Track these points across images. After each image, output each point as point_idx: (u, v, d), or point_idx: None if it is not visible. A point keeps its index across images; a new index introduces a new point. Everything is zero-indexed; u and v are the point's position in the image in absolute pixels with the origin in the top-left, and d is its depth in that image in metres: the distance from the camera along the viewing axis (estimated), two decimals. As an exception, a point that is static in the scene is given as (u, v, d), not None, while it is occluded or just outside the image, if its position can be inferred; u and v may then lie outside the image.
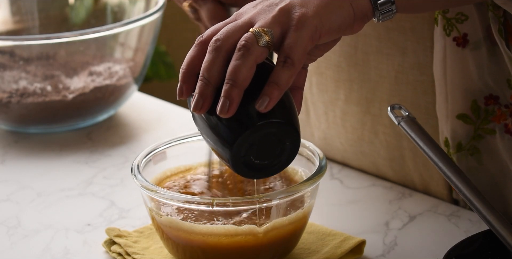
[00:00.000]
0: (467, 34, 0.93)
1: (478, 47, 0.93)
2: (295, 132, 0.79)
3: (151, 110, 1.33)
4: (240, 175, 0.80)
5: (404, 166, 1.05)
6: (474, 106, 0.96)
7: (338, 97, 1.06)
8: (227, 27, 0.79)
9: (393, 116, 0.89)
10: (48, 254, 0.94)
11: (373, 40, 1.00)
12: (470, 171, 0.98)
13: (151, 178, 0.92)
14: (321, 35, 0.79)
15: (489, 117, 0.95)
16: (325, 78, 1.06)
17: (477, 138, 0.97)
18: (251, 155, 0.79)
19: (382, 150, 1.06)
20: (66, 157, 1.18)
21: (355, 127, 1.06)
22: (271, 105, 0.76)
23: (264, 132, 0.78)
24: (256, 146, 0.78)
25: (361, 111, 1.05)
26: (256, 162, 0.79)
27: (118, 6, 1.38)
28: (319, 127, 1.11)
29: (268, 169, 0.81)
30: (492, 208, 0.81)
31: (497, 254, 0.83)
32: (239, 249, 0.86)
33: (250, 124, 0.77)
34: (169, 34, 2.37)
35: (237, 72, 0.76)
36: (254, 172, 0.80)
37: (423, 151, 0.86)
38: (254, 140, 0.78)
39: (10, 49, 1.21)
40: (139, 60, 1.29)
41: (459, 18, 0.93)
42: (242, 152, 0.78)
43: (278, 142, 0.79)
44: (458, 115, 0.96)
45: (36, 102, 1.22)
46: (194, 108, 0.78)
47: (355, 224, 0.99)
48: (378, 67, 1.01)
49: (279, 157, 0.80)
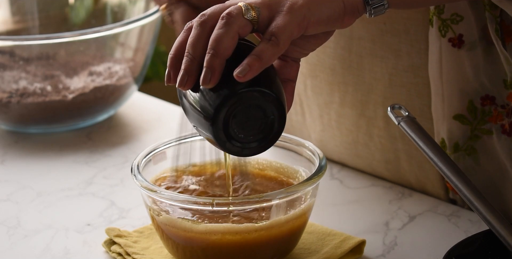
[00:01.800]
0: (463, 34, 0.93)
1: (474, 47, 0.93)
2: (279, 104, 0.78)
3: (151, 110, 1.33)
4: (225, 150, 0.79)
5: (400, 168, 1.05)
6: (470, 106, 0.96)
7: (333, 100, 1.06)
8: (214, 7, 0.80)
9: (393, 116, 0.89)
10: (48, 254, 0.94)
11: (367, 43, 1.00)
12: (468, 171, 0.98)
13: (151, 177, 0.92)
14: (309, 25, 0.79)
15: (485, 117, 0.95)
16: (320, 81, 1.06)
17: (474, 139, 0.97)
18: (234, 128, 0.78)
19: (377, 152, 1.06)
20: (66, 157, 1.18)
21: (350, 129, 1.06)
22: (249, 75, 0.76)
23: (247, 101, 0.77)
24: (239, 118, 0.78)
25: (356, 113, 1.05)
26: (240, 136, 0.78)
27: (118, 6, 1.38)
28: (315, 129, 1.11)
29: (254, 145, 0.79)
30: (492, 208, 0.81)
31: (497, 254, 0.83)
32: (239, 248, 0.86)
33: (231, 92, 0.77)
34: (169, 34, 2.37)
35: (218, 41, 0.76)
36: (239, 148, 0.79)
37: (423, 151, 0.86)
38: (237, 110, 0.77)
39: (10, 49, 1.21)
40: (139, 60, 1.29)
41: (454, 19, 0.93)
42: (224, 123, 0.77)
43: (262, 115, 0.78)
44: (455, 116, 0.96)
45: (36, 102, 1.22)
46: (179, 84, 0.78)
47: (355, 224, 0.99)
48: (372, 70, 1.01)
49: (264, 132, 0.79)
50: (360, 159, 1.08)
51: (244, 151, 0.80)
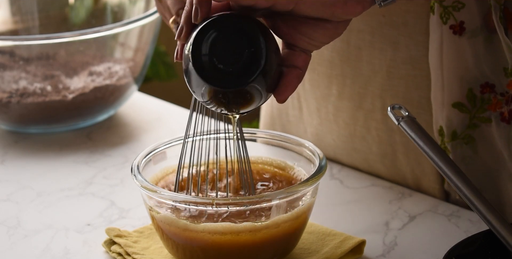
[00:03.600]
0: (464, 22, 0.93)
1: (475, 35, 0.93)
2: (261, 35, 0.78)
3: (151, 110, 1.33)
4: (206, 81, 0.79)
5: (396, 161, 1.05)
6: (469, 94, 0.96)
7: (330, 92, 1.06)
8: None
9: (393, 116, 0.89)
10: (48, 254, 0.94)
11: (366, 35, 1.00)
12: (465, 160, 0.98)
13: (151, 176, 0.92)
14: (300, 0, 0.78)
15: (484, 105, 0.96)
16: (318, 74, 1.07)
17: (472, 127, 0.97)
18: (214, 56, 0.78)
19: (374, 145, 1.06)
20: (66, 157, 1.18)
21: (347, 122, 1.07)
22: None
23: (227, 26, 0.78)
24: (220, 46, 0.78)
25: (354, 106, 1.05)
26: (220, 66, 0.78)
27: (118, 6, 1.38)
28: (311, 123, 1.11)
29: (234, 82, 0.78)
30: (492, 208, 0.81)
31: (497, 254, 0.83)
32: (239, 248, 0.86)
33: (212, 17, 0.79)
34: (169, 34, 2.37)
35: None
36: (218, 82, 0.78)
37: (423, 151, 0.86)
38: (217, 35, 0.78)
39: (10, 49, 1.21)
40: (139, 60, 1.29)
41: (456, 6, 0.93)
42: (204, 48, 0.78)
43: (243, 46, 0.78)
44: (454, 104, 0.96)
45: (36, 102, 1.22)
46: (177, 36, 0.81)
47: (355, 224, 0.99)
48: (370, 62, 1.01)
49: (246, 68, 0.78)
50: (357, 153, 1.08)
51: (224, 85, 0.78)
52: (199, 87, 0.80)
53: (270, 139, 0.97)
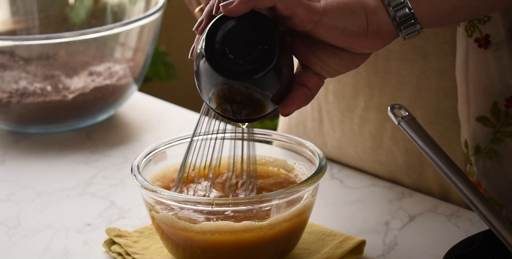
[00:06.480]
0: (489, 35, 0.92)
1: (500, 48, 0.93)
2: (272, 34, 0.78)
3: (151, 110, 1.33)
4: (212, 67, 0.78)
5: (423, 173, 1.04)
6: (494, 108, 0.95)
7: (356, 104, 1.05)
8: None
9: (393, 116, 0.89)
10: (48, 254, 0.94)
11: (395, 46, 0.99)
12: (488, 174, 0.98)
13: (151, 176, 0.92)
14: (321, 24, 0.78)
15: (509, 119, 0.95)
16: (343, 85, 1.06)
17: (496, 142, 0.96)
18: (226, 45, 0.78)
19: (401, 157, 1.05)
20: (66, 157, 1.18)
21: (374, 134, 1.06)
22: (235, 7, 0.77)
23: (247, 19, 0.78)
24: (235, 36, 0.78)
25: (382, 117, 1.04)
26: (230, 56, 0.78)
27: (118, 6, 1.38)
28: (333, 136, 1.10)
29: (239, 74, 0.78)
30: (492, 208, 0.81)
31: (497, 254, 0.83)
32: (239, 248, 0.86)
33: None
34: (169, 34, 2.37)
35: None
36: (224, 71, 0.78)
37: (423, 151, 0.85)
38: (235, 25, 0.78)
39: (10, 49, 1.21)
40: (139, 60, 1.29)
41: (482, 19, 0.92)
42: (219, 35, 0.78)
43: (258, 42, 0.78)
44: (478, 118, 0.96)
45: (36, 102, 1.22)
46: (195, 27, 0.81)
47: (355, 224, 0.99)
48: (399, 73, 1.00)
49: (254, 64, 0.78)
50: (381, 165, 1.07)
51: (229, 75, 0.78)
52: (206, 76, 0.79)
53: (270, 139, 0.97)
